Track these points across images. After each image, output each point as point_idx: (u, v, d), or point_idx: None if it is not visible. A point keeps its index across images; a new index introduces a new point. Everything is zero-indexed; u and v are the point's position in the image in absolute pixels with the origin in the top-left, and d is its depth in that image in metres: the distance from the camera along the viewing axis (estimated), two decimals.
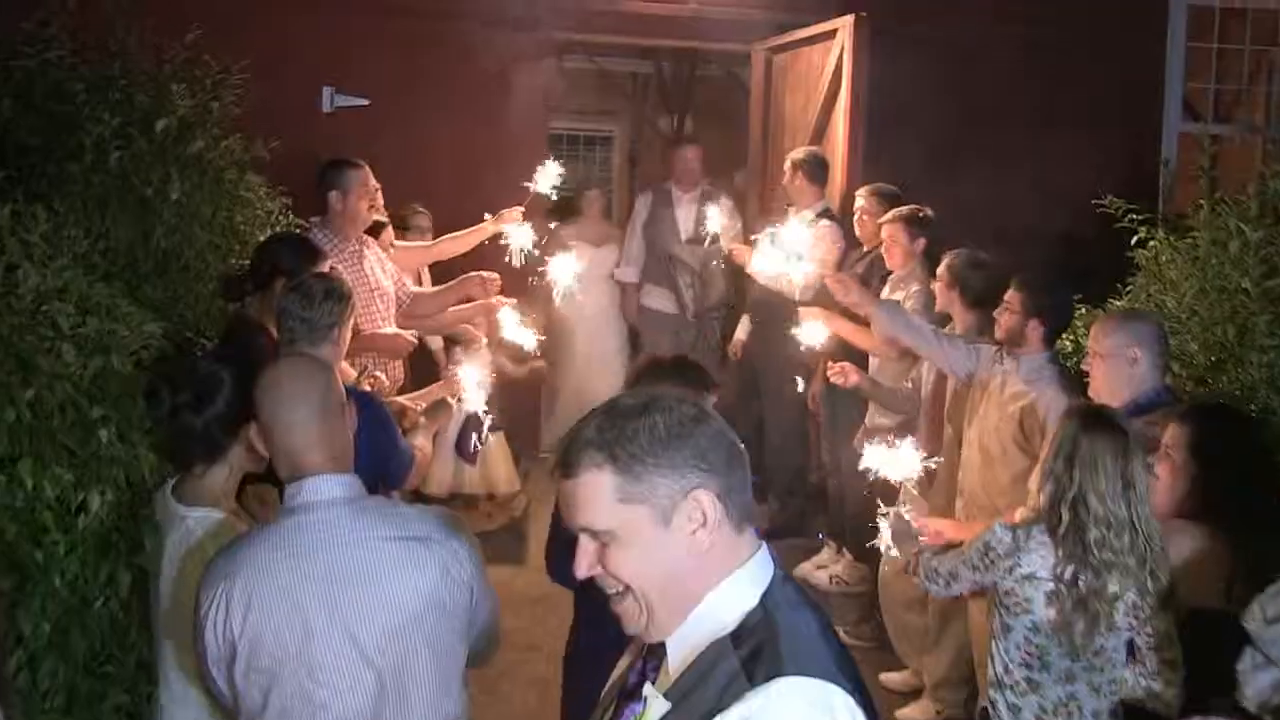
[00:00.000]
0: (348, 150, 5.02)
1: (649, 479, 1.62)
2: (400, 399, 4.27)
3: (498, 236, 5.24)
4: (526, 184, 5.21)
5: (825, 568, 6.07)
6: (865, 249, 5.69)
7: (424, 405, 4.16)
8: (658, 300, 7.36)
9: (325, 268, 3.96)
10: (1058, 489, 3.03)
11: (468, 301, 5.12)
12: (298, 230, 4.91)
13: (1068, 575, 2.99)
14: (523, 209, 5.24)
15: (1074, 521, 2.98)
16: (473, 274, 5.10)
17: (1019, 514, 3.35)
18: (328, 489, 2.28)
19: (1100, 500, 2.96)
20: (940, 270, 4.66)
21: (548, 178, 5.22)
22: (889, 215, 5.26)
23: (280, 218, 5.08)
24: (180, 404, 2.76)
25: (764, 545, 1.72)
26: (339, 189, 4.74)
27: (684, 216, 7.18)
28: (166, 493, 2.77)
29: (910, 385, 4.99)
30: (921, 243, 5.18)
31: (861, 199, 5.64)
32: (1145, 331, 3.69)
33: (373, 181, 4.88)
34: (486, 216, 5.33)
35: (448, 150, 6.59)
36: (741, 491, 1.68)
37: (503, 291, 5.00)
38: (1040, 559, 3.04)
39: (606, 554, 1.65)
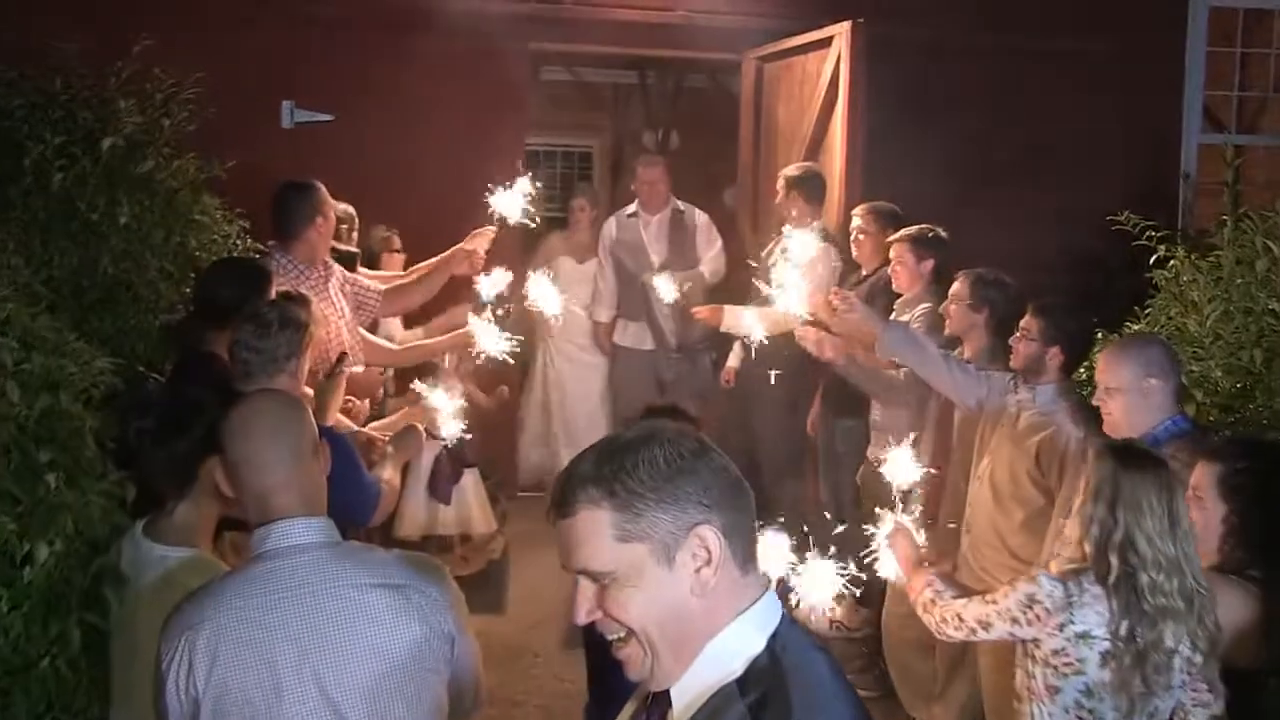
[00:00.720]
0: (311, 169, 5.00)
1: (649, 515, 1.64)
2: (367, 429, 4.29)
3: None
4: (501, 215, 5.02)
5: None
6: (864, 272, 5.71)
7: (391, 434, 4.17)
8: (632, 337, 7.23)
9: (272, 294, 3.96)
10: (1103, 534, 2.99)
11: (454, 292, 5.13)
12: (256, 255, 4.91)
13: (1124, 631, 2.94)
14: (495, 230, 5.21)
15: (1124, 568, 2.95)
16: (457, 248, 5.10)
17: (1054, 565, 3.30)
18: (299, 533, 2.29)
19: (1149, 542, 2.93)
20: (959, 289, 4.67)
21: (518, 200, 5.03)
22: (897, 235, 5.27)
23: (238, 241, 5.08)
24: (144, 431, 2.78)
25: (771, 587, 1.74)
26: (322, 215, 4.72)
27: (654, 241, 7.04)
28: (137, 534, 2.79)
29: (900, 375, 4.97)
30: (930, 264, 5.19)
31: (859, 218, 5.66)
32: (1155, 356, 3.70)
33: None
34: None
35: (417, 167, 6.59)
36: (746, 529, 1.71)
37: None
38: (1096, 615, 2.98)
39: (606, 596, 1.67)
